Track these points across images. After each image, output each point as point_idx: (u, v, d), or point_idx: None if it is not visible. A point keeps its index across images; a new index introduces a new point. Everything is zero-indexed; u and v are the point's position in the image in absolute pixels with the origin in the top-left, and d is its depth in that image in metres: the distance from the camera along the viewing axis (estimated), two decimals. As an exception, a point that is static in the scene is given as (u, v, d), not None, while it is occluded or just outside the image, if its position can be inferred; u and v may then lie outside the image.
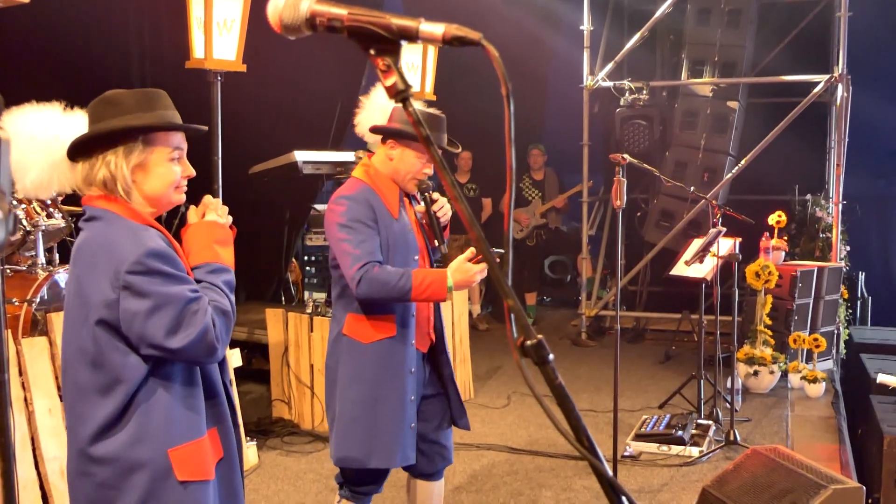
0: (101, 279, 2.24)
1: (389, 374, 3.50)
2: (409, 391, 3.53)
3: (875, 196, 10.61)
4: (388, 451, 3.50)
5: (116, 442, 2.28)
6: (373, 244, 3.40)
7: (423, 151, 3.51)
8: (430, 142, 1.02)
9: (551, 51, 10.72)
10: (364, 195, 3.48)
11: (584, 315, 9.47)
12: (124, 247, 2.25)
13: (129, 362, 2.27)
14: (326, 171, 7.13)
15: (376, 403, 3.49)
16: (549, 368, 1.01)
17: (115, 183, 2.34)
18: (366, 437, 3.49)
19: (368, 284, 3.32)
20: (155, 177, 2.39)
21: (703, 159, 9.15)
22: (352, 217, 3.41)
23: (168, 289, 2.24)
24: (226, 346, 2.39)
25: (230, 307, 2.39)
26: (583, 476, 5.40)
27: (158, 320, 2.22)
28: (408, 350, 3.53)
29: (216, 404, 2.46)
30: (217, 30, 5.03)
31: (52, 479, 4.23)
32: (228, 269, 2.46)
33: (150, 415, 2.29)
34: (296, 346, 6.32)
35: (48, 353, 4.40)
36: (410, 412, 3.54)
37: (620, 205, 4.41)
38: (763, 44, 9.65)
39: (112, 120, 2.34)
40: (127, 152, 2.34)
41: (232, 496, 2.50)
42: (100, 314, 2.25)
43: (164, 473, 2.30)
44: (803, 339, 7.21)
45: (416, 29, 1.02)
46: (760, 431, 6.24)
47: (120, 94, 2.40)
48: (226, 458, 2.47)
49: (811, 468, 4.07)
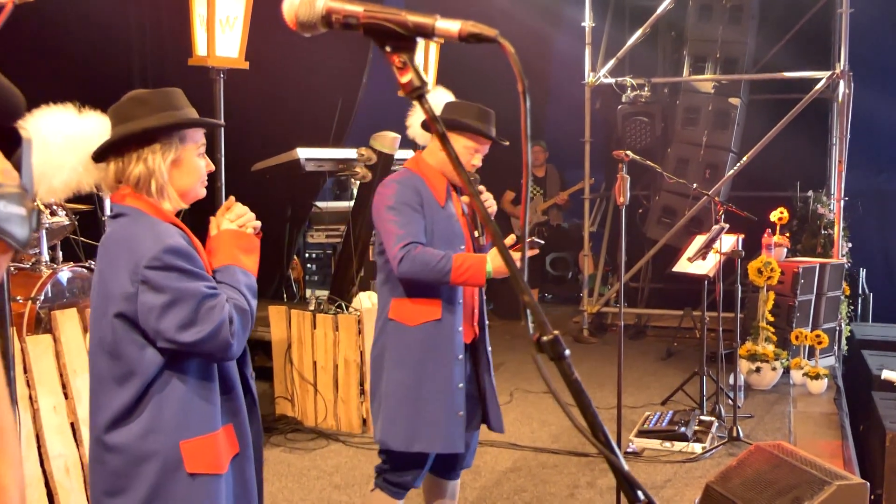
0: (122, 273, 2.31)
1: (436, 358, 3.52)
2: (456, 378, 3.53)
3: (876, 192, 10.60)
4: (433, 437, 3.49)
5: (130, 432, 2.33)
6: (417, 227, 3.47)
7: (471, 144, 3.58)
8: (446, 139, 1.03)
9: (553, 47, 10.73)
10: (412, 181, 3.57)
11: (586, 312, 9.48)
12: (144, 243, 2.31)
13: (146, 355, 2.32)
14: (329, 168, 7.14)
15: (422, 387, 3.50)
16: (565, 364, 1.01)
17: (151, 179, 2.41)
18: (410, 420, 3.50)
19: (410, 263, 3.38)
20: (188, 172, 2.47)
21: (704, 156, 9.15)
22: (399, 200, 3.50)
23: (185, 285, 2.30)
24: (242, 344, 2.43)
25: (248, 307, 2.44)
26: (586, 472, 5.40)
27: (174, 315, 2.27)
28: (455, 336, 3.54)
29: (233, 400, 2.49)
30: (220, 27, 5.04)
31: (58, 477, 4.24)
32: (249, 273, 2.51)
33: (164, 407, 2.34)
34: (299, 344, 6.32)
35: (52, 350, 4.40)
36: (458, 399, 3.53)
37: (624, 201, 4.41)
38: (765, 40, 9.65)
39: (146, 118, 2.39)
40: (165, 149, 2.42)
41: (246, 492, 2.52)
42: (119, 307, 2.31)
43: (174, 465, 2.33)
44: (805, 336, 7.21)
45: (432, 26, 1.03)
46: (763, 428, 6.25)
47: (145, 93, 2.46)
48: (241, 453, 2.50)
49: (815, 464, 4.07)
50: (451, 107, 3.65)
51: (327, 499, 5.05)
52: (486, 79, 8.72)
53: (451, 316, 3.53)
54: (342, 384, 6.14)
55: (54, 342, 4.43)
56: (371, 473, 5.35)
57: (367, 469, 5.47)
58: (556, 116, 10.67)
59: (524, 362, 8.10)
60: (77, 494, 4.28)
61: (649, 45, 9.94)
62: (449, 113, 3.62)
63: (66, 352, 4.42)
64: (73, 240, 5.78)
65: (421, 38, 1.04)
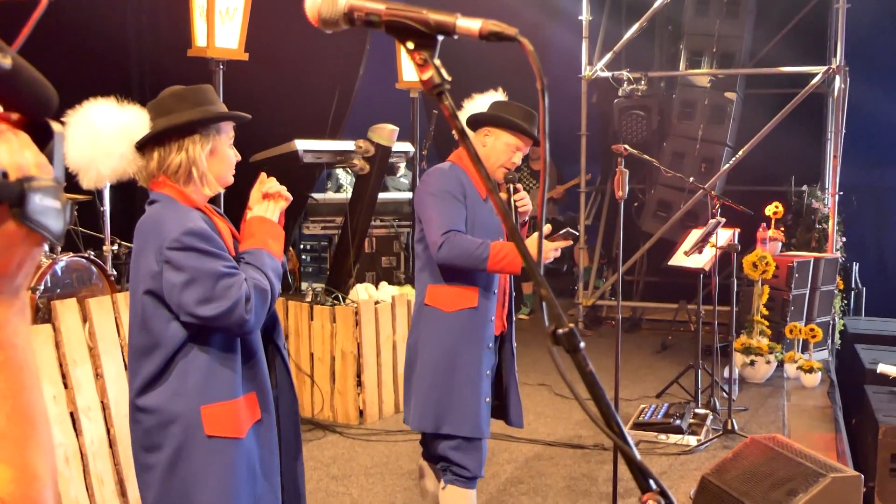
0: (150, 254, 2.56)
1: (469, 345, 3.61)
2: (486, 365, 3.64)
3: (870, 187, 10.66)
4: (461, 420, 3.59)
5: (158, 396, 2.59)
6: (458, 215, 3.56)
7: (513, 141, 3.64)
8: (465, 135, 1.05)
9: (550, 41, 10.73)
10: (455, 172, 3.66)
11: (581, 305, 9.51)
12: (168, 226, 2.55)
13: (171, 328, 2.57)
14: (327, 159, 7.14)
15: (455, 372, 3.60)
16: (580, 356, 1.03)
17: (192, 167, 2.65)
18: (441, 403, 3.61)
19: (449, 249, 3.47)
20: (221, 160, 2.73)
21: (700, 150, 9.18)
22: (442, 188, 3.60)
23: (203, 264, 2.52)
24: (261, 321, 2.64)
25: (269, 288, 2.63)
26: (581, 464, 5.44)
27: (193, 291, 2.51)
28: (488, 325, 3.64)
29: (256, 370, 2.69)
30: (219, 18, 5.04)
31: (59, 466, 4.25)
32: (274, 258, 2.72)
33: (188, 374, 2.58)
34: (296, 335, 6.34)
35: (52, 340, 4.41)
36: (486, 386, 3.65)
37: (622, 195, 4.44)
38: (761, 35, 9.67)
39: (186, 112, 2.64)
40: (203, 139, 2.67)
41: (271, 456, 2.72)
42: (147, 284, 2.57)
43: (194, 427, 2.57)
44: (799, 330, 7.26)
45: (453, 24, 1.05)
46: (757, 421, 6.29)
47: (182, 89, 2.71)
48: (264, 421, 2.70)
49: (810, 457, 4.11)
50: (498, 105, 3.75)
51: (324, 489, 5.07)
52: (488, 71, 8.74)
53: (486, 303, 3.63)
54: (339, 375, 6.16)
55: (54, 332, 4.43)
56: (368, 465, 5.41)
57: (364, 460, 5.50)
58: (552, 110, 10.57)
59: (521, 354, 8.01)
60: (77, 483, 4.30)
61: (646, 39, 9.94)
62: (495, 110, 3.71)
63: (65, 342, 4.42)
64: (73, 230, 5.78)
65: (442, 36, 1.06)
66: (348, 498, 4.97)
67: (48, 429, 0.93)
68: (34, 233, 0.89)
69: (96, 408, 4.47)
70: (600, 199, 10.67)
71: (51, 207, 0.88)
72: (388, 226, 8.22)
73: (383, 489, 5.05)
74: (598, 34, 10.02)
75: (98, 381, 4.50)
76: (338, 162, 7.26)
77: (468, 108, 3.89)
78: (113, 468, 4.45)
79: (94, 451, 4.40)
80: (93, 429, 4.42)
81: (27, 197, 0.86)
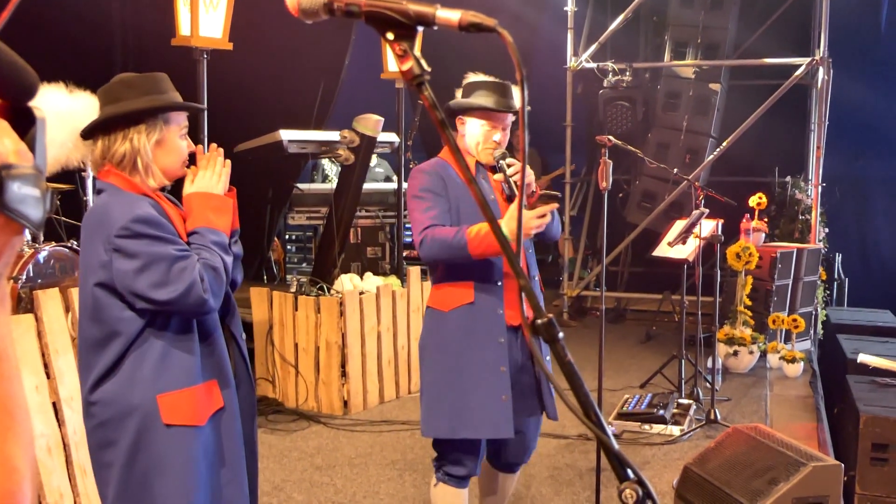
0: (97, 244, 2.51)
1: (474, 342, 3.45)
2: (498, 361, 3.44)
3: (853, 178, 10.72)
4: (477, 422, 3.42)
5: (111, 387, 2.53)
6: (439, 210, 3.45)
7: (485, 122, 3.52)
8: (445, 125, 1.05)
9: (535, 31, 10.73)
10: (435, 168, 3.56)
11: (566, 295, 9.53)
12: (115, 214, 2.50)
13: (126, 316, 2.52)
14: (311, 150, 7.13)
15: (462, 373, 3.45)
16: (559, 346, 1.04)
17: (136, 157, 2.58)
18: (452, 407, 3.45)
19: (429, 245, 3.38)
20: (171, 152, 2.65)
21: (685, 141, 9.22)
22: (421, 187, 3.51)
23: (154, 248, 2.48)
24: (218, 299, 2.60)
25: (221, 264, 2.59)
26: (565, 454, 5.46)
27: (147, 277, 2.47)
28: (494, 319, 3.46)
29: (216, 358, 2.66)
30: (203, 7, 5.03)
31: (40, 456, 4.24)
32: (218, 232, 2.66)
33: (143, 362, 2.52)
34: (280, 325, 6.33)
35: (34, 330, 4.38)
36: (502, 382, 3.43)
37: (606, 186, 4.44)
38: (745, 26, 9.70)
39: (134, 100, 2.57)
40: (150, 129, 2.59)
41: (233, 445, 2.67)
42: (97, 275, 2.51)
43: (152, 417, 2.51)
44: (782, 320, 7.30)
45: (433, 15, 1.05)
46: (740, 410, 6.33)
47: (133, 76, 2.64)
48: (227, 409, 2.66)
49: (791, 446, 4.14)
50: (466, 87, 3.62)
51: (308, 480, 5.08)
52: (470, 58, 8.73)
53: (488, 297, 3.47)
54: (323, 366, 6.16)
55: (36, 322, 4.41)
56: (352, 455, 5.42)
57: (348, 451, 5.51)
58: (537, 100, 10.68)
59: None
60: (59, 474, 4.29)
61: (631, 31, 9.97)
62: (464, 93, 3.59)
63: (48, 331, 4.40)
64: (56, 219, 5.76)
65: (422, 26, 1.06)
66: (332, 488, 4.97)
67: (28, 420, 0.93)
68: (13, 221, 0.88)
69: (78, 398, 4.44)
70: (585, 189, 10.69)
71: (30, 196, 0.87)
72: (373, 216, 8.22)
73: (367, 479, 5.06)
74: (583, 25, 10.03)
75: (81, 371, 4.49)
76: (323, 152, 7.25)
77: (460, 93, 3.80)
78: (96, 458, 4.44)
79: (76, 441, 4.38)
80: (75, 419, 4.41)
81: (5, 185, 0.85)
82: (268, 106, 8.11)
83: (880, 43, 10.40)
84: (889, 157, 10.68)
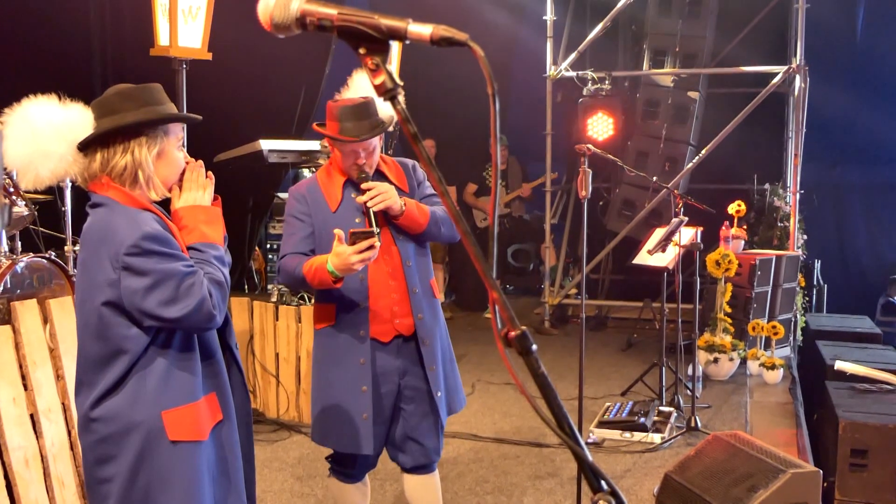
0: (104, 262, 2.48)
1: (334, 362, 3.59)
2: (359, 382, 3.54)
3: (830, 185, 10.80)
4: (339, 436, 3.62)
5: (115, 404, 2.51)
6: (298, 237, 3.56)
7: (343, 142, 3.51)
8: (418, 139, 1.05)
9: (514, 41, 10.77)
10: (302, 191, 3.64)
11: (547, 303, 9.55)
12: (123, 231, 2.47)
13: (132, 334, 2.50)
14: (291, 159, 7.13)
15: (327, 388, 3.62)
16: (532, 358, 1.05)
17: (137, 170, 2.56)
18: (321, 419, 3.65)
19: (281, 274, 3.58)
20: (170, 163, 2.64)
21: (664, 149, 9.26)
22: (288, 212, 3.64)
23: (164, 266, 2.46)
24: (223, 314, 2.61)
25: (224, 278, 2.61)
26: (546, 463, 5.47)
27: (158, 294, 2.45)
28: (356, 339, 3.55)
29: (215, 369, 2.67)
30: (182, 17, 5.02)
31: (17, 469, 4.21)
32: (216, 246, 2.66)
33: (147, 379, 2.52)
34: (261, 335, 6.31)
35: (12, 342, 4.36)
36: (361, 403, 3.54)
37: (586, 195, 4.46)
38: (723, 35, 9.77)
39: (132, 112, 2.54)
40: (150, 141, 2.57)
41: (232, 456, 2.70)
42: (104, 293, 2.48)
43: (156, 433, 2.51)
44: (762, 327, 7.34)
45: (404, 29, 1.05)
46: (720, 418, 6.36)
47: (129, 88, 2.60)
48: (225, 420, 2.68)
49: (770, 453, 4.17)
50: (330, 109, 3.57)
51: (289, 490, 5.06)
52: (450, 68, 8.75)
53: (349, 318, 3.54)
54: (304, 376, 6.14)
55: (14, 333, 4.38)
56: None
57: (330, 460, 5.50)
58: (517, 109, 10.73)
59: (486, 354, 8.16)
60: (37, 486, 4.25)
61: (610, 39, 10.01)
62: (329, 115, 3.55)
63: (25, 343, 4.38)
64: (33, 230, 5.72)
65: (394, 41, 1.07)
66: (313, 499, 4.96)
67: None
68: None
69: (57, 409, 4.43)
70: (566, 198, 10.72)
71: None
72: (353, 225, 8.20)
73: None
74: (562, 34, 10.06)
75: (59, 382, 4.46)
76: (303, 162, 7.25)
77: (352, 88, 3.72)
78: (74, 470, 4.41)
79: (54, 453, 4.35)
80: (53, 430, 4.38)
81: None
82: (248, 115, 8.09)
83: (856, 51, 10.50)
84: (866, 163, 10.78)
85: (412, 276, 3.63)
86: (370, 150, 3.57)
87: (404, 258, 3.61)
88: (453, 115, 9.75)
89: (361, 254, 3.29)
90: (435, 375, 3.66)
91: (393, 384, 3.64)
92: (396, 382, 3.64)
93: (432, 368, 3.65)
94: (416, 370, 3.66)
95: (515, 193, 10.24)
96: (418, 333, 3.63)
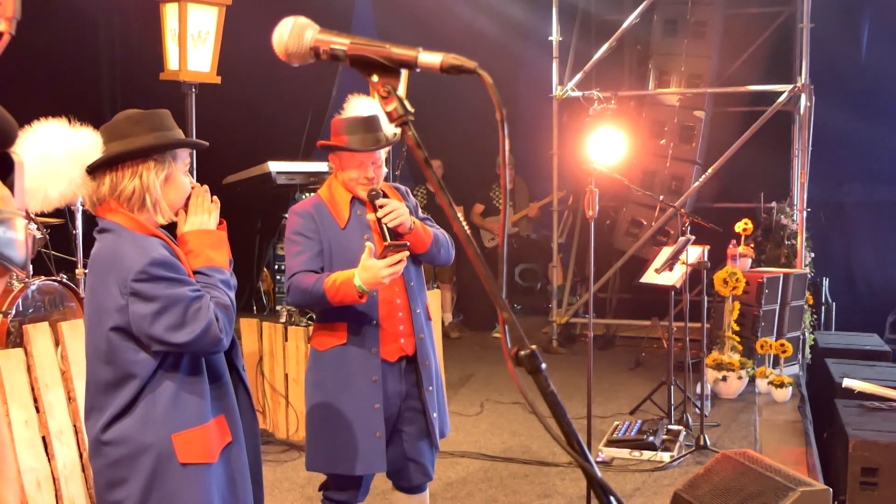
0: (112, 288, 2.51)
1: (346, 382, 3.55)
2: (372, 400, 3.54)
3: (837, 203, 10.81)
4: (350, 459, 3.55)
5: (125, 428, 2.54)
6: (308, 255, 3.52)
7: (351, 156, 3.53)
8: (429, 164, 1.08)
9: (521, 61, 10.84)
10: (308, 209, 3.61)
11: (555, 322, 9.55)
12: (130, 257, 2.51)
13: (140, 359, 2.53)
14: (300, 181, 7.17)
15: (336, 411, 3.56)
16: (541, 377, 1.07)
17: (145, 194, 2.59)
18: (328, 444, 3.58)
19: (293, 293, 3.49)
20: (177, 188, 2.67)
21: (670, 168, 9.29)
22: (293, 230, 3.58)
23: (172, 291, 2.50)
24: (230, 337, 2.65)
25: (230, 301, 2.64)
26: (557, 482, 5.47)
27: (165, 319, 2.48)
28: (367, 358, 3.55)
29: (223, 392, 2.69)
30: (191, 42, 5.08)
31: (29, 491, 4.23)
32: (222, 270, 2.69)
33: (157, 403, 2.55)
34: (270, 356, 6.34)
35: (24, 364, 4.39)
36: (375, 421, 3.55)
37: (593, 215, 4.49)
38: (728, 54, 9.81)
39: (142, 136, 2.58)
40: (158, 166, 2.61)
41: (241, 477, 2.71)
42: (112, 318, 2.51)
43: (167, 456, 2.54)
44: (770, 345, 7.33)
45: (415, 58, 1.09)
46: (729, 436, 6.35)
47: (138, 113, 2.64)
48: (235, 441, 2.70)
49: (779, 471, 4.16)
50: (336, 124, 3.61)
51: (300, 511, 5.07)
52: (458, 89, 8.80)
53: (360, 338, 3.55)
54: (314, 396, 6.15)
55: (26, 356, 4.42)
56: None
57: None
58: (524, 129, 10.78)
59: (494, 373, 8.16)
60: (49, 509, 4.28)
61: (615, 59, 10.05)
62: (335, 130, 3.59)
63: (37, 365, 4.41)
64: (45, 253, 5.77)
65: (404, 69, 1.10)
66: (323, 519, 4.96)
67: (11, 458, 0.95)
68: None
69: (69, 431, 4.45)
70: (573, 217, 10.74)
71: (11, 239, 0.90)
72: (361, 246, 8.24)
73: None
74: (568, 55, 10.11)
75: (70, 404, 4.49)
76: (311, 183, 7.29)
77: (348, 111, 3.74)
78: (86, 492, 4.43)
79: (66, 475, 4.38)
80: (65, 453, 4.40)
81: None
82: (256, 138, 8.16)
83: (861, 70, 10.52)
84: (872, 182, 10.78)
85: (415, 296, 3.67)
86: (378, 163, 3.60)
87: (407, 278, 3.64)
88: (459, 136, 9.81)
89: (392, 267, 3.31)
90: (431, 396, 3.69)
91: (395, 407, 3.65)
92: (398, 405, 3.66)
93: (430, 389, 3.68)
94: (415, 392, 3.68)
95: (523, 213, 10.28)
96: (418, 354, 3.65)
